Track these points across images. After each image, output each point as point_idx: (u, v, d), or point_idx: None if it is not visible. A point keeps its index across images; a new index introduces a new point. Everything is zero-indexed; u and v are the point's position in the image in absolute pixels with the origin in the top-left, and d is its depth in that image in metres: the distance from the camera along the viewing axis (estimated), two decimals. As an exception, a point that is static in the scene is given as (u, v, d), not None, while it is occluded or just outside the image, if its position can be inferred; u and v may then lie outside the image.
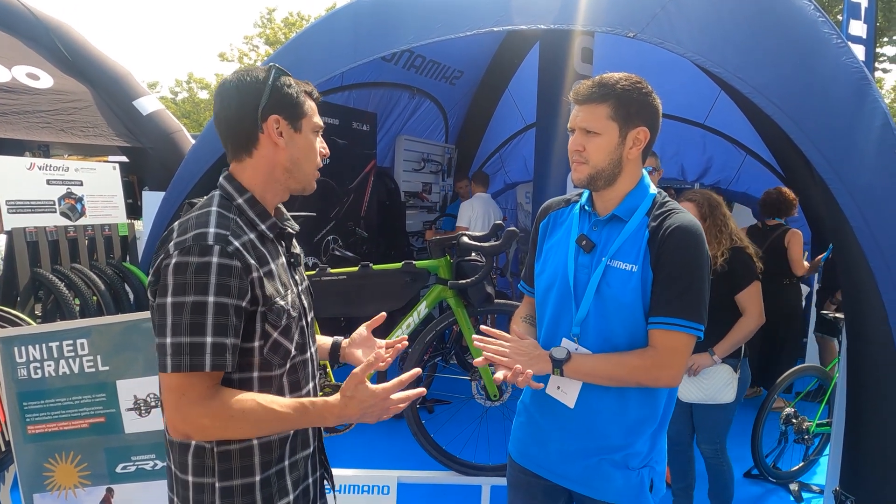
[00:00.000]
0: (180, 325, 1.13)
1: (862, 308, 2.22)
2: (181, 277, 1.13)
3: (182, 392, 1.14)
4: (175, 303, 1.13)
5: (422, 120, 6.57)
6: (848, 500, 2.18)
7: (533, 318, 1.79)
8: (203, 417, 1.15)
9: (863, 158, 2.21)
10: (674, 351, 1.45)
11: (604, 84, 1.48)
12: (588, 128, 1.49)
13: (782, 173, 5.79)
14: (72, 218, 3.99)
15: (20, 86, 5.33)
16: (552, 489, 1.65)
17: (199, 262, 1.14)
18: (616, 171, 1.51)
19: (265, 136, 1.27)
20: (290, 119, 1.29)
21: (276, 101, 1.27)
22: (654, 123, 1.52)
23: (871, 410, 2.19)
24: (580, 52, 3.72)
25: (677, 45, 2.52)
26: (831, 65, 2.30)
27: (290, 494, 1.33)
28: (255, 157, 1.29)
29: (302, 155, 1.32)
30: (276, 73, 1.29)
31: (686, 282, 1.44)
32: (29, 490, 2.29)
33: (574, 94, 1.53)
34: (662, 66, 5.15)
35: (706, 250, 1.48)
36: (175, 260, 1.14)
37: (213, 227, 1.18)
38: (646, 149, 1.54)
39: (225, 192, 1.29)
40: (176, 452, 1.27)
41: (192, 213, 1.24)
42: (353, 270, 2.94)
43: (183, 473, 1.26)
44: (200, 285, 1.13)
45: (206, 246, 1.15)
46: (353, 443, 3.64)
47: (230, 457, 1.24)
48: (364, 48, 3.10)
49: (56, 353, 2.26)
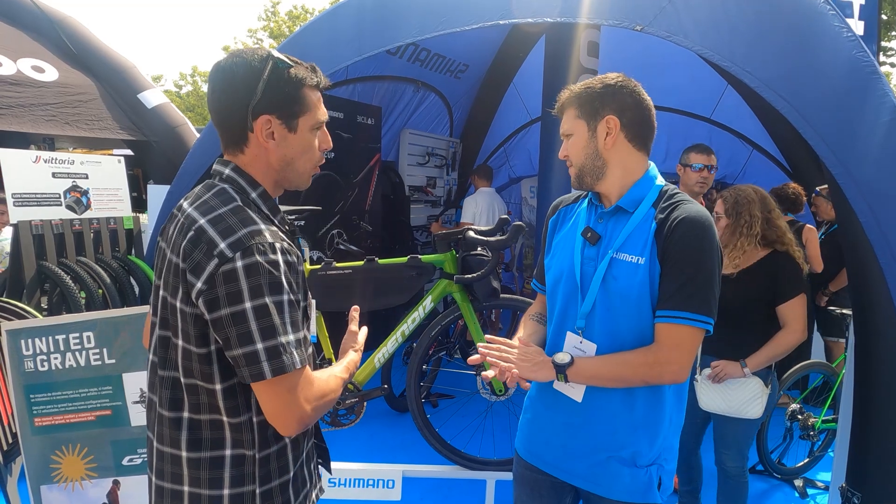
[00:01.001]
0: (271, 328, 1.09)
1: (871, 303, 2.20)
2: (255, 280, 1.09)
3: (299, 388, 1.14)
4: (256, 307, 1.09)
5: (426, 114, 6.55)
6: (854, 497, 2.17)
7: (542, 316, 1.78)
8: (319, 399, 1.18)
9: (872, 153, 2.19)
10: (678, 345, 1.43)
11: (570, 90, 1.57)
12: (563, 132, 1.59)
13: (789, 168, 5.76)
14: (77, 211, 4.00)
15: (25, 79, 5.33)
16: (558, 486, 1.65)
17: (269, 260, 1.10)
18: (598, 164, 1.54)
19: (254, 136, 1.20)
20: (286, 118, 1.21)
21: (271, 98, 1.18)
22: (626, 109, 1.51)
23: (879, 407, 2.17)
24: (586, 46, 3.69)
25: (685, 39, 2.50)
26: (841, 58, 2.28)
27: (308, 482, 1.36)
28: (248, 155, 1.24)
29: (296, 154, 1.25)
30: (273, 66, 1.18)
31: (691, 273, 1.42)
32: (36, 482, 2.31)
33: (555, 111, 1.62)
34: (669, 61, 5.14)
35: (715, 242, 1.46)
36: (241, 263, 1.08)
37: (263, 225, 1.15)
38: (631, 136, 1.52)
39: (236, 186, 1.23)
40: (204, 470, 1.19)
41: (219, 211, 1.15)
42: (358, 264, 2.94)
43: (214, 489, 1.19)
44: (275, 285, 1.11)
45: (268, 244, 1.12)
46: (358, 437, 3.65)
47: (269, 460, 1.23)
48: (368, 41, 3.09)
49: (62, 345, 2.27)
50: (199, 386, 1.17)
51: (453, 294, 2.84)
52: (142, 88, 6.10)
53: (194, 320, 1.14)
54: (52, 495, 2.32)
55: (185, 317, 1.15)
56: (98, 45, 6.16)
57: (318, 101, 1.27)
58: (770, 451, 3.56)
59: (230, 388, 1.18)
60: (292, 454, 1.28)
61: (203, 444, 1.19)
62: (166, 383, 1.21)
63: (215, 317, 1.11)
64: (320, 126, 1.28)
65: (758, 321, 2.57)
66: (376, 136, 5.71)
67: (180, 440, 1.20)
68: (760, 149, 5.97)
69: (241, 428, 1.19)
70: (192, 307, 1.13)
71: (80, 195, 4.01)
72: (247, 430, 1.20)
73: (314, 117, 1.25)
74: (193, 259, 1.12)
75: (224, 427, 1.19)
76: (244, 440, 1.20)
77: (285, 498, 1.26)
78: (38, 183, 3.73)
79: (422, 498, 3.19)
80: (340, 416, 2.89)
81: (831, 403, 3.63)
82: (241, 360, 1.10)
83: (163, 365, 1.22)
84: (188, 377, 1.18)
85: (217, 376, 1.17)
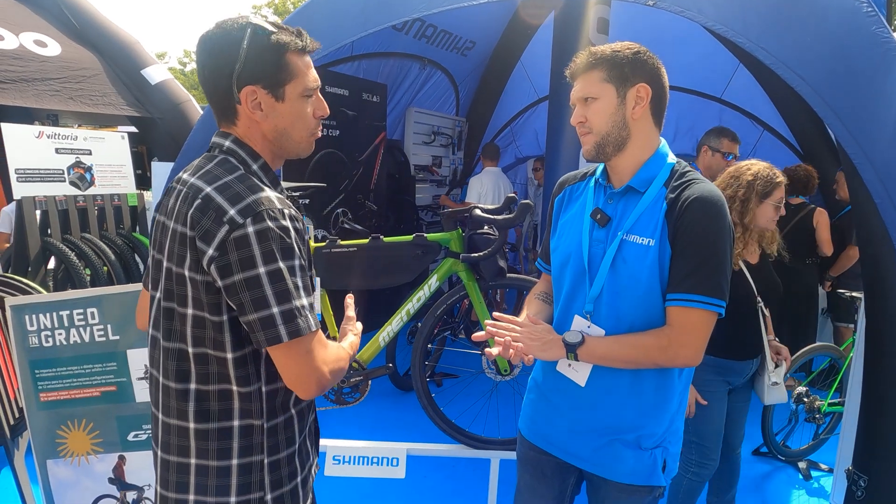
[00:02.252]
0: (286, 292, 1.10)
1: (883, 285, 2.17)
2: (266, 245, 1.09)
3: (316, 350, 1.15)
4: (270, 272, 1.09)
5: (432, 92, 6.47)
6: (861, 480, 2.16)
7: (547, 296, 1.75)
8: (337, 362, 1.20)
9: (889, 132, 2.14)
10: (692, 328, 1.40)
11: (593, 53, 1.47)
12: (585, 95, 1.47)
13: (800, 150, 5.68)
14: (81, 187, 3.98)
15: (28, 53, 5.28)
16: (562, 466, 1.64)
17: (280, 226, 1.11)
18: (623, 134, 1.46)
19: (242, 107, 1.18)
20: (271, 87, 1.17)
21: (253, 68, 1.15)
22: (655, 80, 1.46)
23: (889, 390, 2.15)
24: (596, 23, 3.61)
25: (698, 14, 2.43)
26: (860, 35, 2.21)
27: (311, 456, 1.37)
28: (241, 127, 1.22)
29: (288, 123, 1.22)
30: (252, 33, 1.14)
31: (704, 255, 1.38)
32: (43, 456, 2.32)
33: (569, 72, 1.52)
34: (680, 39, 5.04)
35: (728, 222, 1.42)
36: (253, 228, 1.08)
37: (270, 192, 1.15)
38: (654, 109, 1.48)
39: (238, 157, 1.21)
40: (212, 441, 1.19)
41: (225, 179, 1.14)
42: (363, 243, 2.91)
43: (223, 459, 1.19)
44: (288, 250, 1.11)
45: (277, 210, 1.12)
46: (362, 415, 3.66)
47: (277, 430, 1.24)
48: (373, 17, 3.03)
49: (67, 321, 2.26)
50: (210, 355, 1.17)
51: (459, 273, 2.82)
52: (145, 64, 6.05)
53: (206, 288, 1.13)
54: (58, 469, 2.33)
55: (195, 285, 1.14)
56: (101, 20, 6.09)
57: (305, 67, 1.22)
58: (775, 434, 3.56)
59: (242, 357, 1.18)
60: (298, 426, 1.29)
61: (211, 416, 1.19)
62: (172, 355, 1.20)
63: (228, 283, 1.10)
64: (312, 92, 1.24)
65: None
66: (381, 114, 5.65)
67: (187, 412, 1.20)
68: (772, 129, 5.89)
69: (250, 398, 1.19)
70: (202, 274, 1.13)
71: (84, 171, 4.00)
72: (256, 399, 1.20)
73: (302, 83, 1.21)
74: (203, 226, 1.11)
75: (233, 397, 1.19)
76: (253, 410, 1.20)
77: (291, 468, 1.27)
78: (42, 159, 3.71)
79: (426, 476, 3.21)
80: (345, 394, 2.89)
81: (837, 387, 3.61)
82: (256, 325, 1.10)
83: (167, 337, 1.21)
84: (198, 346, 1.17)
85: (229, 345, 1.16)
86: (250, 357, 1.19)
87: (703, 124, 6.16)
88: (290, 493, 1.26)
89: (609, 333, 1.48)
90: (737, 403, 2.59)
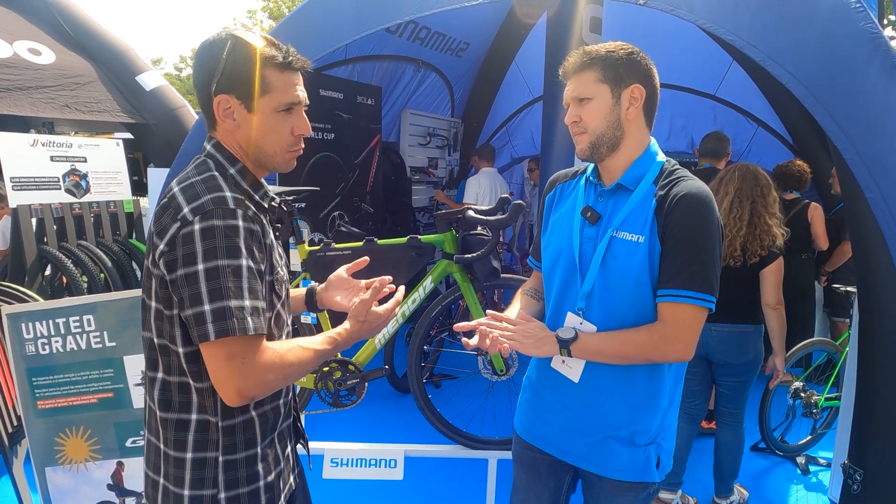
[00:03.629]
0: (220, 290, 1.09)
1: (875, 280, 2.18)
2: (210, 242, 1.09)
3: (244, 356, 1.11)
4: (208, 269, 1.09)
5: (427, 94, 6.48)
6: (857, 474, 2.17)
7: (537, 292, 1.76)
8: (268, 373, 1.14)
9: (879, 128, 2.15)
10: (682, 324, 1.41)
11: (587, 52, 1.47)
12: (580, 95, 1.48)
13: (794, 146, 5.70)
14: (76, 195, 3.98)
15: (22, 61, 5.29)
16: (557, 465, 1.64)
17: (227, 225, 1.11)
18: (618, 134, 1.47)
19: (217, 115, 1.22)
20: (244, 98, 1.20)
21: (228, 78, 1.19)
22: (648, 80, 1.47)
23: (882, 384, 2.16)
24: (588, 22, 3.62)
25: (689, 13, 2.44)
26: (849, 30, 2.22)
27: (282, 462, 1.34)
28: (220, 132, 1.25)
29: (259, 136, 1.23)
30: (232, 45, 1.18)
31: (693, 251, 1.40)
32: (41, 464, 2.32)
33: (562, 71, 1.52)
34: (673, 37, 5.05)
35: (716, 218, 1.43)
36: (199, 226, 1.10)
37: (229, 192, 1.15)
38: (646, 109, 1.49)
39: (215, 161, 1.24)
40: (170, 430, 1.22)
41: (192, 179, 1.18)
42: (357, 245, 2.92)
43: (179, 451, 1.22)
44: (232, 248, 1.11)
45: (229, 209, 1.12)
46: (359, 417, 3.67)
47: (234, 430, 1.23)
48: (367, 19, 3.04)
49: (63, 329, 2.26)
50: (169, 347, 1.20)
51: (453, 274, 2.82)
52: (140, 70, 6.06)
53: (159, 282, 1.16)
54: (56, 477, 2.33)
55: (153, 278, 1.17)
56: (95, 26, 6.10)
57: (285, 83, 1.23)
58: (772, 429, 3.57)
59: (193, 352, 1.18)
60: (260, 428, 1.27)
61: (172, 406, 1.22)
62: (146, 344, 1.25)
63: (172, 277, 1.12)
64: (290, 108, 1.25)
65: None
66: (377, 117, 5.67)
67: (155, 398, 1.24)
68: (766, 126, 5.90)
69: (204, 393, 1.20)
70: (157, 269, 1.15)
71: (79, 179, 4.00)
72: (209, 395, 1.20)
73: (277, 99, 1.22)
74: (161, 222, 1.15)
75: (191, 391, 1.21)
76: (208, 406, 1.21)
77: (251, 471, 1.25)
78: (37, 166, 3.71)
79: (424, 477, 3.21)
80: (342, 396, 2.90)
81: (834, 381, 3.62)
82: (190, 321, 1.11)
83: (143, 326, 1.25)
84: (161, 338, 1.20)
85: (179, 339, 1.18)
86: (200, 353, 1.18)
87: (696, 122, 6.19)
88: (248, 494, 1.25)
89: (601, 330, 1.49)
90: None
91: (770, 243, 2.73)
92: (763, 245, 2.73)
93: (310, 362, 1.24)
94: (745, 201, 2.76)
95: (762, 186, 2.78)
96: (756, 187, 2.78)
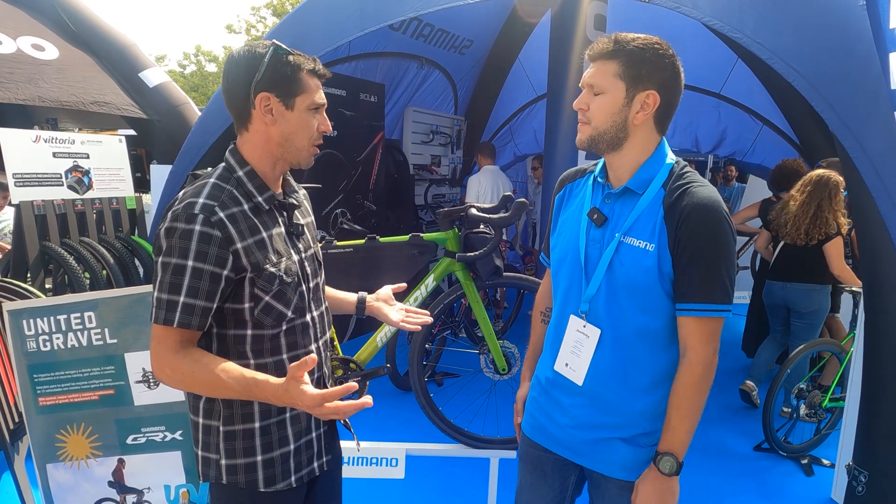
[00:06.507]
0: (165, 283, 1.27)
1: (881, 280, 2.16)
2: (169, 241, 1.27)
3: (158, 341, 1.29)
4: (163, 262, 1.28)
5: (431, 91, 6.46)
6: (861, 475, 2.15)
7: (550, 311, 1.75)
8: (166, 367, 1.29)
9: (886, 126, 2.13)
10: (709, 337, 1.42)
11: (618, 41, 1.41)
12: (592, 83, 1.44)
13: (799, 144, 5.67)
14: (79, 191, 3.98)
15: (26, 57, 5.29)
16: (562, 464, 1.64)
17: (185, 228, 1.26)
18: (620, 135, 1.43)
19: (256, 111, 1.35)
20: (283, 96, 1.35)
21: (270, 78, 1.33)
22: (668, 88, 1.41)
23: (889, 386, 2.14)
24: (593, 19, 3.61)
25: (694, 10, 2.43)
26: (854, 28, 2.21)
27: (291, 445, 1.44)
28: (251, 132, 1.38)
29: (293, 131, 1.38)
30: (273, 51, 1.34)
31: (711, 264, 1.38)
32: (42, 461, 2.32)
33: (589, 51, 1.46)
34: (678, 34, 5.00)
35: (729, 226, 1.40)
36: (167, 225, 1.28)
37: (203, 198, 1.30)
38: (659, 117, 1.44)
39: (228, 165, 1.39)
40: (190, 396, 1.41)
41: (195, 184, 1.35)
42: (359, 243, 2.91)
43: (195, 415, 1.41)
44: (182, 249, 1.26)
45: (191, 214, 1.27)
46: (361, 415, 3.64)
47: (233, 402, 1.37)
48: (370, 16, 3.03)
49: (64, 325, 2.26)
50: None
51: (455, 272, 2.81)
52: (143, 67, 6.05)
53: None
54: (58, 474, 2.33)
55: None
56: (98, 22, 6.09)
57: (315, 86, 1.40)
58: (776, 430, 3.55)
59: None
60: (259, 406, 1.38)
61: None
62: None
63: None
64: (318, 108, 1.41)
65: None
66: (379, 114, 5.65)
67: None
68: (771, 124, 5.87)
69: None
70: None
71: (82, 175, 3.99)
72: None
73: (310, 98, 1.39)
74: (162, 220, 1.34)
75: None
76: None
77: (247, 445, 1.38)
78: (39, 163, 3.71)
79: (426, 476, 3.21)
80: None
81: (838, 382, 3.60)
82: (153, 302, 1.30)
83: None
84: None
85: None
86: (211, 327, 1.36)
87: (700, 120, 6.17)
88: (244, 466, 1.38)
89: (604, 334, 1.48)
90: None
91: (827, 229, 3.72)
92: (821, 231, 3.73)
93: (210, 386, 1.28)
94: (813, 202, 3.75)
95: (830, 189, 3.71)
96: (826, 190, 3.72)
